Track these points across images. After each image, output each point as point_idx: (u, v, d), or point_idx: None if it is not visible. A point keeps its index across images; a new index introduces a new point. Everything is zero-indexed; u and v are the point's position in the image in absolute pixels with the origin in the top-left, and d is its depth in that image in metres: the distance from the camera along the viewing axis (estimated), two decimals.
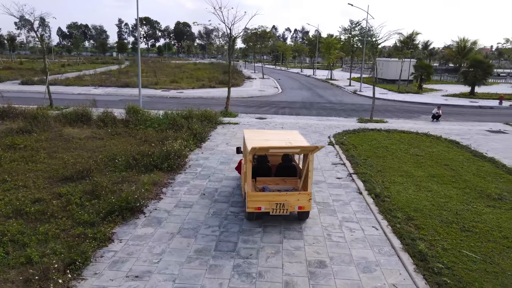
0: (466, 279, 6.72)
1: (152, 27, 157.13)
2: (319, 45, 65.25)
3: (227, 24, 22.27)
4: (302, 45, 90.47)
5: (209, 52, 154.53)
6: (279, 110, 26.90)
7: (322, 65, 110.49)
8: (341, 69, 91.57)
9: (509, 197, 10.90)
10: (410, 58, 50.48)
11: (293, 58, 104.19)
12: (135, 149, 13.36)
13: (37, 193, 9.67)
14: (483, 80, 39.04)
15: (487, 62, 41.35)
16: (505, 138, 19.55)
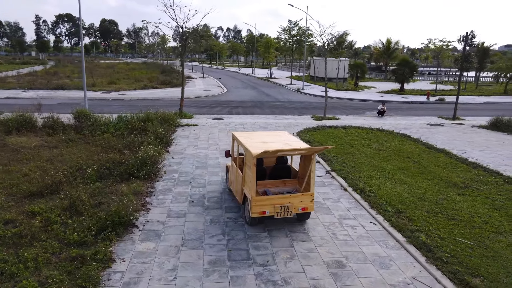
0: (472, 265, 7.21)
1: (74, 25, 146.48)
2: (256, 44, 66.02)
3: (179, 22, 21.53)
4: (238, 44, 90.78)
5: (139, 51, 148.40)
6: (232, 110, 26.67)
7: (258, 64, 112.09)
8: (277, 67, 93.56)
9: (472, 184, 11.94)
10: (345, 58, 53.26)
11: (229, 57, 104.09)
12: (102, 157, 12.34)
13: (4, 214, 8.46)
14: (409, 77, 42.49)
15: (413, 61, 44.99)
16: (445, 130, 21.42)
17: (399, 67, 41.28)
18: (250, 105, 29.61)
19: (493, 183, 12.16)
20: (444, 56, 44.16)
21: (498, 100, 39.17)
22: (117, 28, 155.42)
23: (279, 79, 56.60)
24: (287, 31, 48.81)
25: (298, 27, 47.95)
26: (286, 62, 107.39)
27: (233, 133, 10.12)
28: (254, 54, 71.85)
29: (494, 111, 30.14)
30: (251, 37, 71.95)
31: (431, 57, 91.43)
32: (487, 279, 6.77)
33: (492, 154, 16.12)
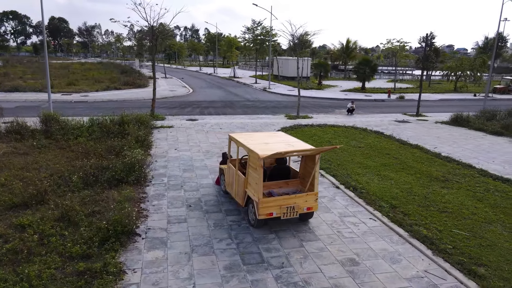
0: (474, 255, 7.61)
1: (20, 23, 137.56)
2: (218, 44, 65.56)
3: (150, 21, 20.88)
4: (198, 43, 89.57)
5: (92, 50, 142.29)
6: (204, 110, 26.29)
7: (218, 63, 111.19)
8: (237, 66, 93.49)
9: (451, 178, 12.59)
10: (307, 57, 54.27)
11: (188, 56, 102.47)
12: (85, 163, 11.69)
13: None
14: (370, 76, 44.11)
15: (373, 61, 46.73)
16: (412, 126, 22.42)
17: (360, 66, 42.66)
18: (221, 105, 29.34)
19: (469, 175, 12.89)
20: (401, 56, 46.21)
21: (451, 97, 41.59)
22: (67, 27, 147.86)
23: (243, 79, 56.55)
24: (251, 31, 48.87)
25: (262, 27, 48.14)
26: (246, 62, 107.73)
27: (230, 135, 9.97)
28: (216, 54, 71.19)
29: (449, 108, 32.08)
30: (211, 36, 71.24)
31: (382, 56, 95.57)
32: (491, 268, 7.17)
33: (460, 148, 17.10)
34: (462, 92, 45.76)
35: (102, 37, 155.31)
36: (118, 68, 59.67)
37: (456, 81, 47.08)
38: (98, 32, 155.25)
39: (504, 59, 58.56)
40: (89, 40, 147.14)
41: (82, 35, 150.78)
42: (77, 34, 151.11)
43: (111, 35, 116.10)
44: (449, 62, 52.47)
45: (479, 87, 48.43)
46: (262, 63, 72.66)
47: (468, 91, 45.72)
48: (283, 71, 55.27)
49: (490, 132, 20.70)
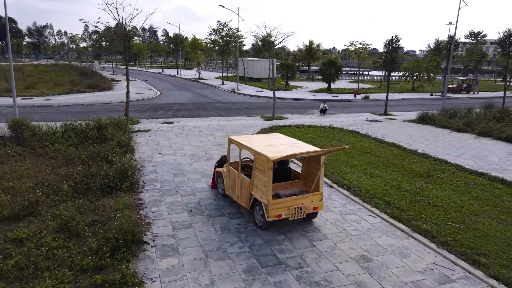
0: (473, 246, 8.08)
1: None
2: (181, 45, 64.61)
3: (122, 23, 20.23)
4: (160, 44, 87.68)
5: (44, 52, 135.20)
6: (177, 113, 25.84)
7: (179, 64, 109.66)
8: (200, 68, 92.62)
9: (432, 173, 13.27)
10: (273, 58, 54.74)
11: (149, 57, 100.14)
12: (72, 171, 11.15)
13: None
14: (335, 77, 45.38)
15: (338, 62, 48.09)
16: (383, 125, 23.34)
17: (326, 68, 43.74)
18: (193, 108, 28.98)
19: (447, 171, 13.65)
20: (363, 58, 47.89)
21: (410, 97, 43.67)
22: (16, 27, 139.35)
23: (208, 80, 56.18)
24: (217, 32, 48.63)
25: (228, 28, 48.05)
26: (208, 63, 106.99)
27: (230, 138, 9.91)
28: (180, 55, 70.08)
29: (411, 107, 33.75)
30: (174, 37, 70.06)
31: (339, 58, 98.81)
32: (490, 257, 7.66)
33: (432, 145, 18.04)
34: (419, 91, 48.20)
35: (55, 38, 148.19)
36: (76, 70, 57.19)
37: (413, 81, 49.49)
38: (50, 32, 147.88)
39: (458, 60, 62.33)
40: (40, 41, 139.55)
41: (32, 35, 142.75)
42: (26, 35, 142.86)
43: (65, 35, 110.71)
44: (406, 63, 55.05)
45: (433, 87, 51.22)
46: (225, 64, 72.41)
47: (425, 91, 48.22)
48: (249, 72, 55.51)
49: (455, 129, 22.00)
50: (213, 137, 18.23)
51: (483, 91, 52.30)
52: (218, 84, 49.88)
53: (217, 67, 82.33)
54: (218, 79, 58.36)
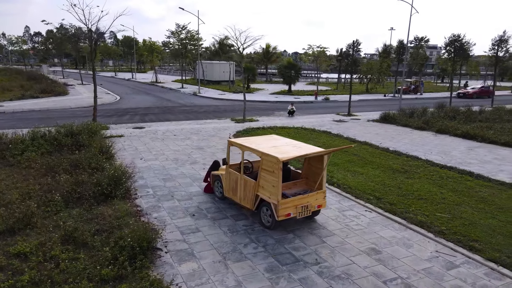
0: (465, 233, 8.78)
1: None
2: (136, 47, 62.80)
3: (88, 24, 19.42)
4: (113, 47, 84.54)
5: None
6: (144, 117, 25.19)
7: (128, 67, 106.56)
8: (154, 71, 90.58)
9: (409, 169, 14.14)
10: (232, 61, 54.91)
11: (99, 60, 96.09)
12: (55, 180, 10.59)
13: None
14: (295, 79, 46.49)
15: (298, 64, 49.30)
16: (351, 125, 24.35)
17: (286, 70, 44.65)
18: (159, 112, 28.38)
19: (421, 166, 14.61)
20: (322, 61, 49.49)
21: (367, 98, 45.80)
22: None
23: (167, 84, 55.19)
24: (176, 35, 47.87)
25: (187, 31, 47.49)
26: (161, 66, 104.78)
27: (230, 141, 9.96)
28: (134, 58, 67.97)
29: (369, 107, 35.47)
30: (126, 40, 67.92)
31: (291, 60, 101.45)
32: (482, 242, 8.38)
33: (400, 142, 19.15)
34: (373, 93, 50.67)
35: None
36: (22, 74, 53.59)
37: (367, 83, 51.96)
38: None
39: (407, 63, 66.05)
40: None
41: None
42: None
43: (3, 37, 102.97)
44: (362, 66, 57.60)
45: (383, 88, 54.08)
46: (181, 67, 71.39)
47: (378, 92, 50.78)
48: (208, 75, 55.24)
49: (415, 128, 23.48)
50: (190, 141, 18.06)
51: (428, 92, 56.05)
52: (178, 87, 49.15)
53: (172, 70, 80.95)
54: (176, 83, 57.53)
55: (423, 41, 55.94)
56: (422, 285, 6.70)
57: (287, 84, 45.95)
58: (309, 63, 74.80)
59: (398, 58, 47.29)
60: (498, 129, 21.92)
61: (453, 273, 7.13)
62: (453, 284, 6.77)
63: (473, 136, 20.56)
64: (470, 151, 17.65)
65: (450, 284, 6.77)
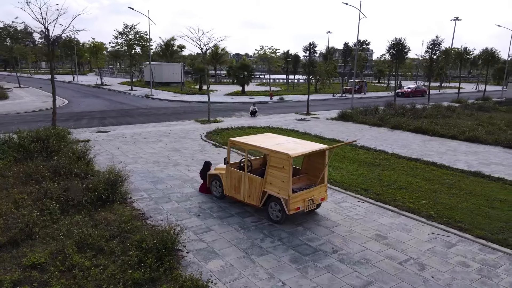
0: (448, 216, 9.75)
1: None
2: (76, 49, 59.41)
3: (44, 23, 18.21)
4: None
5: None
6: (103, 121, 24.13)
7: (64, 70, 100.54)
8: (94, 73, 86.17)
9: (381, 162, 15.19)
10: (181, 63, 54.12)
11: (33, 62, 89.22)
12: (41, 187, 9.98)
13: (2, 275, 6.29)
14: (248, 80, 47.07)
15: (251, 66, 49.90)
16: (314, 124, 25.31)
17: (239, 71, 45.05)
18: (117, 115, 27.30)
19: (390, 159, 15.75)
20: (273, 62, 50.56)
21: (317, 98, 47.47)
22: None
23: (113, 86, 52.99)
24: (124, 35, 46.11)
25: (135, 31, 45.96)
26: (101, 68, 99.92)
27: (231, 140, 10.08)
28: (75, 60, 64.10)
29: (322, 106, 37.02)
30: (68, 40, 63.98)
31: (234, 61, 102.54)
32: (466, 223, 9.37)
33: (364, 138, 20.38)
34: (322, 93, 52.83)
35: None
36: None
37: (316, 83, 54.04)
38: None
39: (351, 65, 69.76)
40: None
41: None
42: None
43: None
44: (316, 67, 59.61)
45: (329, 88, 56.60)
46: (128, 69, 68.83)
47: (326, 92, 53.05)
48: (157, 77, 53.88)
49: (372, 124, 25.06)
50: (163, 143, 17.73)
51: (370, 91, 59.69)
52: (127, 90, 47.43)
53: (115, 72, 77.66)
54: (123, 85, 55.46)
55: (364, 44, 59.40)
56: (433, 263, 7.41)
57: (240, 85, 46.35)
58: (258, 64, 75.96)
59: (345, 60, 49.78)
60: (443, 124, 24.12)
61: (453, 251, 7.95)
62: (458, 260, 7.58)
63: (424, 130, 22.46)
64: (426, 144, 19.29)
65: (455, 260, 7.57)
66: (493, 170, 14.38)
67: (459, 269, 7.22)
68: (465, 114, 30.00)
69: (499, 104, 40.04)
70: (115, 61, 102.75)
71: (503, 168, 14.91)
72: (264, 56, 50.56)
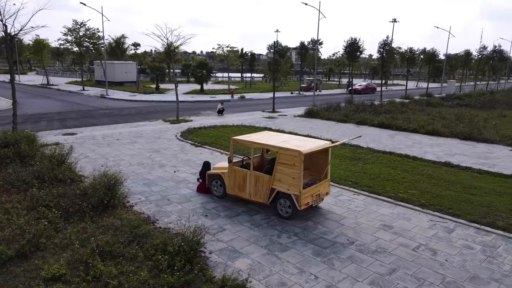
0: (439, 204, 10.47)
1: None
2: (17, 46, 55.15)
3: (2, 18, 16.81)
4: None
5: None
6: (65, 123, 22.76)
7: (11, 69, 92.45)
8: (35, 72, 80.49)
9: (359, 156, 15.87)
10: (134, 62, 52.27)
11: None
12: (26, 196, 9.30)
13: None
14: (207, 79, 46.60)
15: (209, 64, 49.37)
16: (283, 121, 25.65)
17: (198, 70, 44.46)
18: (77, 116, 25.85)
19: (368, 153, 16.50)
20: (232, 60, 50.44)
21: (277, 96, 47.63)
22: None
23: (62, 86, 49.94)
24: (73, 32, 43.53)
25: (86, 28, 43.60)
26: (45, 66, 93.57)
27: (235, 138, 10.05)
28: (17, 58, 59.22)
29: (284, 104, 37.68)
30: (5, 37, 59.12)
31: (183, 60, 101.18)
32: (455, 209, 10.14)
33: (335, 134, 21.10)
34: (280, 91, 53.62)
35: None
36: None
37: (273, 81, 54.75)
38: None
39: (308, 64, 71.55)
40: None
41: None
42: None
43: None
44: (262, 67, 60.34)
45: (286, 86, 57.80)
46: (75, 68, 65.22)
47: (283, 90, 53.99)
48: (109, 76, 51.54)
49: (338, 121, 25.97)
50: (139, 144, 17.15)
51: (323, 89, 61.70)
52: (78, 90, 44.95)
53: (60, 71, 73.05)
54: (72, 85, 52.52)
55: (318, 43, 61.20)
56: (442, 247, 7.98)
57: (199, 84, 45.77)
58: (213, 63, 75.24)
59: (301, 59, 50.96)
60: (403, 119, 25.62)
61: (454, 235, 8.60)
62: (462, 243, 8.21)
63: (388, 125, 23.72)
64: (393, 138, 20.42)
65: (460, 243, 8.19)
66: (458, 160, 15.58)
67: (465, 251, 7.83)
68: (417, 110, 32.06)
69: (442, 99, 43.23)
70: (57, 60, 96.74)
71: (466, 158, 16.20)
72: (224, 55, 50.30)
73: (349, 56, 40.32)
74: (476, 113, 30.39)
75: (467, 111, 31.08)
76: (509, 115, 30.66)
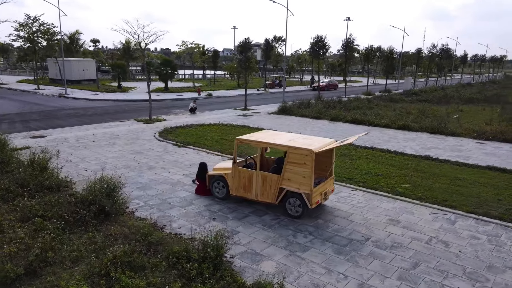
0: (435, 196, 10.87)
1: None
2: None
3: None
4: None
5: None
6: (28, 125, 21.23)
7: None
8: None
9: (345, 153, 16.15)
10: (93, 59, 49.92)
11: None
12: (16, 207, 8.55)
13: None
14: (172, 77, 45.46)
15: (173, 62, 48.10)
16: (259, 119, 25.53)
17: (162, 67, 43.24)
18: (39, 117, 24.21)
19: (352, 149, 16.83)
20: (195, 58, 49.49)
21: (243, 93, 48.11)
22: None
23: (12, 84, 46.69)
24: (26, 27, 40.62)
25: (40, 23, 40.86)
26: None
27: (239, 138, 9.81)
28: None
29: (253, 101, 37.58)
30: None
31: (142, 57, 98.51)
32: (449, 200, 10.59)
33: (312, 130, 21.33)
34: None
35: None
36: None
37: (238, 79, 54.60)
38: None
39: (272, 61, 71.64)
40: None
41: None
42: None
43: None
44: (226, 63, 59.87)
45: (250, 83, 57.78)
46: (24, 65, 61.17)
47: (249, 87, 53.84)
48: (66, 74, 48.86)
49: (313, 117, 26.31)
50: (118, 146, 16.36)
51: (287, 86, 62.41)
52: (33, 89, 42.20)
53: (8, 69, 68.25)
54: (23, 83, 49.31)
55: (280, 40, 61.73)
56: (451, 239, 8.28)
57: (162, 82, 44.52)
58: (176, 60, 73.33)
59: (266, 56, 51.12)
60: (373, 115, 26.44)
61: (458, 227, 8.96)
62: (467, 234, 8.57)
63: (361, 121, 24.37)
64: (369, 134, 20.99)
65: (466, 234, 8.55)
66: (435, 153, 16.30)
67: (474, 242, 8.18)
68: (381, 105, 33.24)
69: (402, 95, 45.18)
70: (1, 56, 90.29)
71: (441, 151, 16.99)
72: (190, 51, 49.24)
73: (314, 53, 40.99)
74: (436, 107, 32.05)
75: (428, 107, 32.71)
76: (464, 109, 32.61)
